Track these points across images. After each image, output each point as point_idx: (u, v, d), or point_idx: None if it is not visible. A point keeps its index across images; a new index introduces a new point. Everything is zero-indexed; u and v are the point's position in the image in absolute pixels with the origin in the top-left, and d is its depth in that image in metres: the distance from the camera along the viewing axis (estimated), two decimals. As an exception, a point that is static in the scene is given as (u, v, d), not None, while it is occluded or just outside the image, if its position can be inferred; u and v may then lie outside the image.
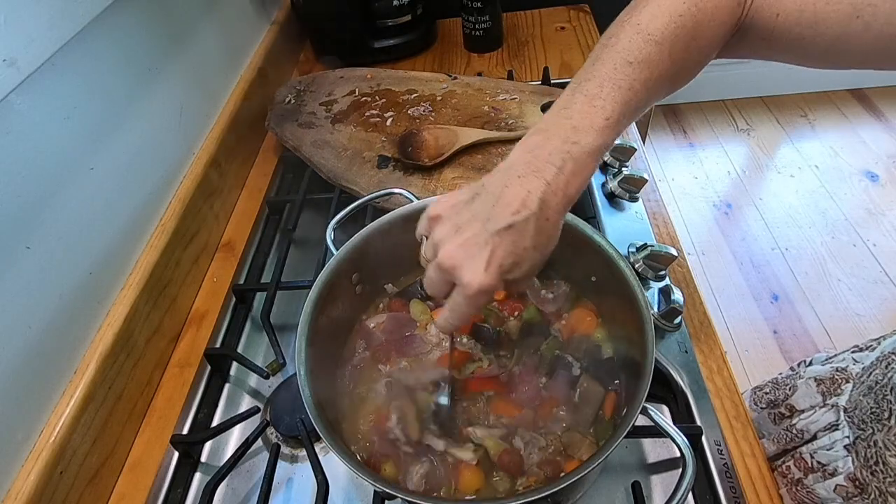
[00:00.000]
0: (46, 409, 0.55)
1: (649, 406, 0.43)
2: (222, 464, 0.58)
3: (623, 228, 0.76)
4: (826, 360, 0.65)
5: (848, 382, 0.58)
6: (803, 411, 0.61)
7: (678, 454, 0.43)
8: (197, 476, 0.61)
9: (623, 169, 0.80)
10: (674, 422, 0.58)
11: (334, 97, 0.95)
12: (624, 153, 0.83)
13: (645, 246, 0.68)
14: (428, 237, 0.46)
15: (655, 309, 0.64)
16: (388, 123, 0.88)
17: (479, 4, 1.12)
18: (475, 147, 0.81)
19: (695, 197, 2.22)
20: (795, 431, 0.60)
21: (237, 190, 0.93)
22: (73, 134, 0.61)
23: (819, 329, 1.76)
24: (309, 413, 0.46)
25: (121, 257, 0.67)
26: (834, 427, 0.56)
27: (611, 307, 0.57)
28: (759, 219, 2.10)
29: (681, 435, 0.43)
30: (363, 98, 0.94)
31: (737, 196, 2.21)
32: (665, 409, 0.60)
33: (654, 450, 0.57)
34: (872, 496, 0.50)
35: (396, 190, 0.66)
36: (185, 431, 0.64)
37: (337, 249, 0.58)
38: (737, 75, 2.53)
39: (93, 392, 0.58)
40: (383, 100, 0.92)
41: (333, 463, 0.55)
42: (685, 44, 0.43)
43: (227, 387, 0.69)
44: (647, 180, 0.79)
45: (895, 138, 2.34)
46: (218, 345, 0.72)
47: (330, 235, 0.62)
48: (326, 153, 0.86)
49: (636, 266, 0.67)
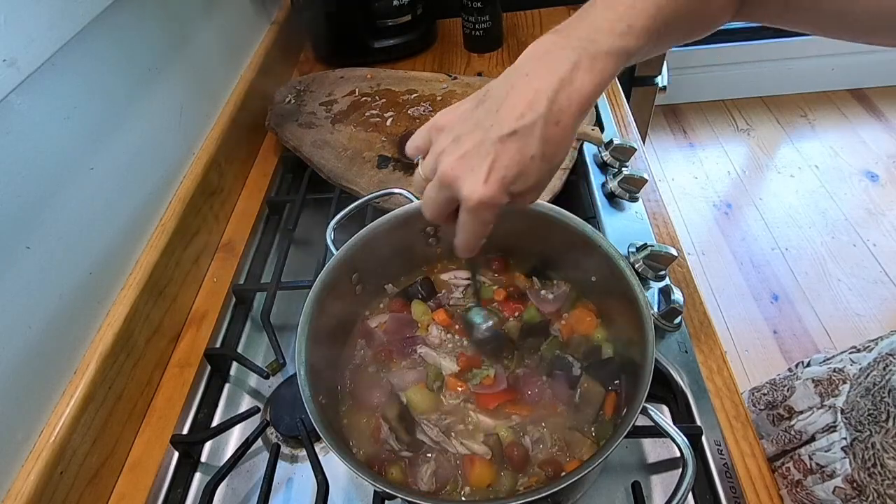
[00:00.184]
0: (46, 409, 0.55)
1: (649, 406, 0.43)
2: (222, 464, 0.58)
3: (623, 228, 0.76)
4: (824, 361, 0.65)
5: (845, 383, 0.58)
6: (802, 412, 0.61)
7: (678, 454, 0.43)
8: (197, 476, 0.61)
9: (623, 169, 0.80)
10: (674, 422, 0.58)
11: (334, 97, 0.95)
12: (624, 153, 0.83)
13: (645, 246, 0.68)
14: (426, 154, 0.43)
15: (655, 309, 0.64)
16: (388, 123, 0.88)
17: (479, 4, 1.12)
18: (475, 147, 0.81)
19: (695, 197, 2.22)
20: (794, 433, 0.60)
21: (237, 190, 0.93)
22: (73, 134, 0.61)
23: (819, 329, 1.76)
24: (309, 413, 0.46)
25: (121, 257, 0.67)
26: (832, 428, 0.56)
27: (611, 307, 0.57)
28: (759, 219, 2.10)
29: (681, 435, 0.43)
30: (363, 98, 0.94)
31: (737, 196, 2.21)
32: (665, 409, 0.60)
33: (654, 450, 0.57)
34: (871, 498, 0.50)
35: (396, 190, 0.66)
36: (185, 431, 0.64)
37: (337, 249, 0.58)
38: (737, 75, 2.53)
39: (93, 392, 0.58)
40: (383, 100, 0.92)
41: (333, 463, 0.55)
42: None
43: (227, 387, 0.69)
44: (647, 180, 0.79)
45: (895, 138, 2.34)
46: (218, 345, 0.72)
47: (330, 235, 0.62)
48: (326, 153, 0.86)
49: (636, 266, 0.67)
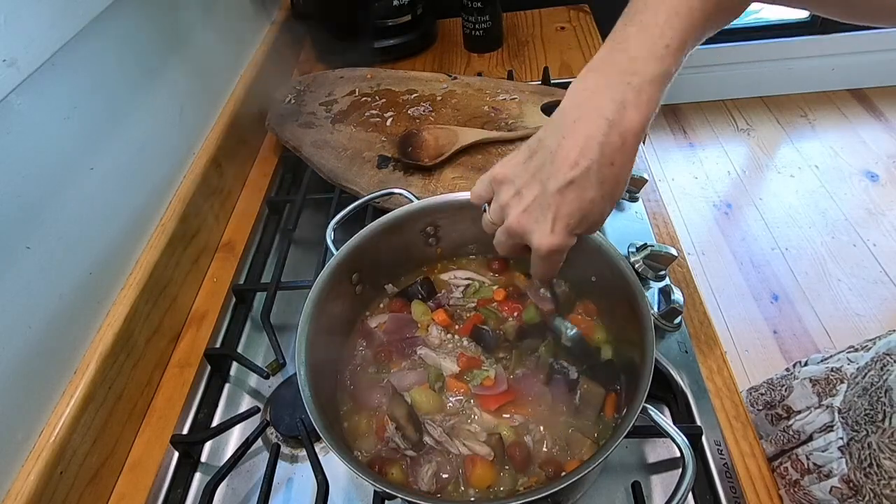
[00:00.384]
0: (46, 409, 0.55)
1: (649, 406, 0.43)
2: (222, 464, 0.57)
3: (623, 228, 0.76)
4: (821, 361, 0.65)
5: (843, 383, 0.58)
6: (800, 412, 0.61)
7: (678, 454, 0.43)
8: (197, 476, 0.61)
9: (623, 169, 0.80)
10: (674, 422, 0.57)
11: (334, 97, 0.95)
12: (624, 153, 0.82)
13: (645, 246, 0.68)
14: (491, 202, 0.46)
15: (655, 309, 0.64)
16: (388, 123, 0.88)
17: (479, 4, 1.12)
18: (475, 147, 0.81)
19: (695, 197, 2.22)
20: (792, 432, 0.60)
21: (237, 190, 0.93)
22: (73, 134, 0.61)
23: (819, 329, 1.76)
24: (309, 413, 0.46)
25: (121, 257, 0.67)
26: (829, 428, 0.56)
27: (611, 307, 0.57)
28: (759, 219, 2.10)
29: (681, 435, 0.43)
30: (363, 98, 0.94)
31: (737, 196, 2.20)
32: (665, 409, 0.60)
33: (654, 450, 0.57)
34: (867, 498, 0.50)
35: (396, 190, 0.66)
36: (185, 431, 0.64)
37: (337, 249, 0.58)
38: (737, 75, 2.53)
39: (93, 392, 0.58)
40: (383, 100, 0.92)
41: (333, 463, 0.55)
42: None
43: (227, 387, 0.69)
44: (647, 180, 0.79)
45: (895, 138, 2.34)
46: (218, 345, 0.72)
47: (330, 235, 0.62)
48: (326, 153, 0.86)
49: (636, 266, 0.67)
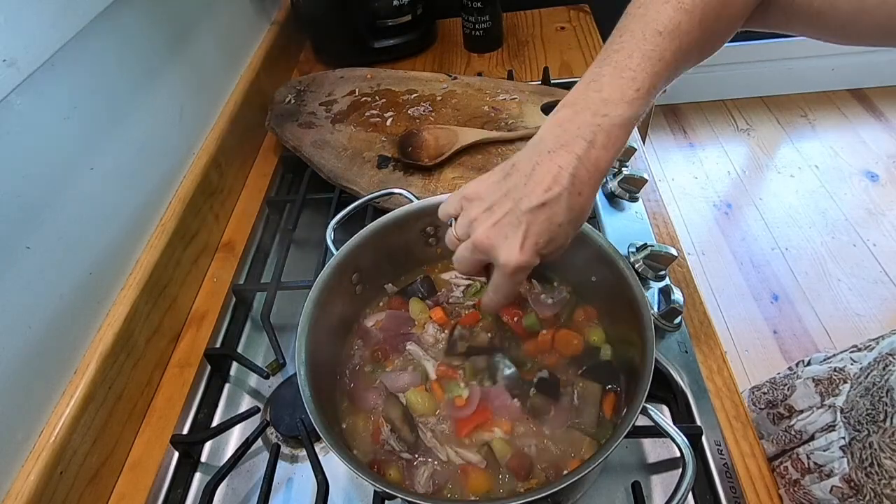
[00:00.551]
0: (46, 409, 0.55)
1: (649, 406, 0.43)
2: (222, 464, 0.57)
3: (623, 228, 0.76)
4: (824, 360, 0.65)
5: (846, 383, 0.58)
6: (802, 412, 0.61)
7: (678, 454, 0.43)
8: (197, 476, 0.61)
9: (623, 169, 0.80)
10: (674, 422, 0.58)
11: (334, 97, 0.95)
12: (624, 153, 0.83)
13: (645, 246, 0.68)
14: (458, 217, 0.47)
15: (655, 309, 0.64)
16: (388, 123, 0.88)
17: (479, 4, 1.12)
18: (475, 147, 0.81)
19: (695, 197, 2.22)
20: (794, 432, 0.60)
21: (237, 190, 0.93)
22: (73, 134, 0.61)
23: (819, 329, 1.76)
24: (309, 413, 0.46)
25: (121, 257, 0.67)
26: (831, 428, 0.56)
27: (611, 307, 0.57)
28: (759, 219, 2.10)
29: (681, 435, 0.43)
30: (363, 98, 0.94)
31: (737, 196, 2.20)
32: (665, 409, 0.60)
33: (654, 450, 0.57)
34: (867, 497, 0.50)
35: (396, 190, 0.66)
36: (185, 431, 0.64)
37: (337, 249, 0.58)
38: (737, 75, 2.52)
39: (93, 392, 0.57)
40: (383, 100, 0.92)
41: (333, 463, 0.55)
42: (716, 12, 0.43)
43: (227, 387, 0.69)
44: (647, 180, 0.79)
45: (895, 138, 2.34)
46: (218, 345, 0.72)
47: (330, 235, 0.62)
48: (326, 153, 0.86)
49: (636, 266, 0.67)
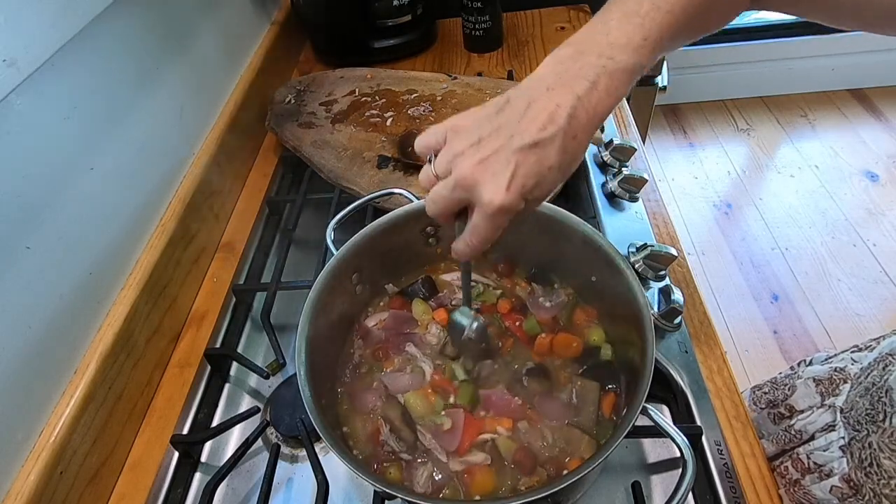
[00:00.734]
0: (46, 409, 0.55)
1: (649, 406, 0.43)
2: (222, 464, 0.58)
3: (623, 228, 0.76)
4: (825, 360, 0.65)
5: (846, 383, 0.58)
6: (802, 411, 0.61)
7: (678, 454, 0.43)
8: (197, 476, 0.61)
9: (623, 169, 0.80)
10: (674, 422, 0.58)
11: (334, 97, 0.95)
12: (624, 153, 0.83)
13: (645, 246, 0.68)
14: (438, 152, 0.43)
15: (655, 309, 0.64)
16: (388, 123, 0.88)
17: (479, 4, 1.12)
18: (475, 147, 0.81)
19: (695, 197, 2.22)
20: (794, 432, 0.60)
21: (237, 190, 0.93)
22: (73, 134, 0.61)
23: (819, 329, 1.76)
24: (309, 413, 0.46)
25: (121, 257, 0.67)
26: (831, 428, 0.56)
27: (611, 307, 0.57)
28: (759, 219, 2.10)
29: (681, 435, 0.43)
30: (363, 98, 0.94)
31: (737, 196, 2.21)
32: (665, 409, 0.60)
33: (654, 450, 0.57)
34: (867, 497, 0.50)
35: (396, 190, 0.66)
36: (185, 431, 0.64)
37: (337, 249, 0.58)
38: (737, 75, 2.53)
39: (93, 392, 0.58)
40: (383, 100, 0.92)
41: (333, 463, 0.55)
42: None
43: (227, 387, 0.69)
44: (647, 180, 0.79)
45: (895, 138, 2.34)
46: (218, 345, 0.72)
47: (330, 235, 0.62)
48: (326, 153, 0.86)
49: (636, 266, 0.67)
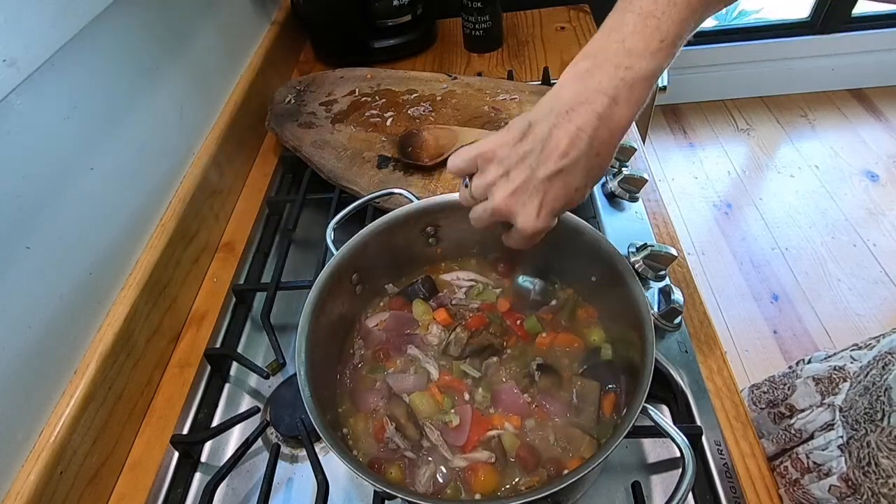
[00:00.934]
0: (46, 409, 0.55)
1: (649, 406, 0.43)
2: (222, 464, 0.57)
3: (623, 228, 0.76)
4: (824, 359, 0.65)
5: (846, 381, 0.58)
6: (802, 411, 0.61)
7: (678, 454, 0.43)
8: (197, 476, 0.61)
9: (623, 169, 0.80)
10: (674, 422, 0.58)
11: (334, 97, 0.95)
12: (624, 153, 0.83)
13: (645, 246, 0.68)
14: (472, 176, 0.46)
15: (655, 309, 0.64)
16: (388, 123, 0.88)
17: (479, 4, 1.12)
18: (475, 147, 0.81)
19: (695, 197, 2.22)
20: (794, 431, 0.60)
21: (237, 190, 0.93)
22: (73, 134, 0.61)
23: (819, 329, 1.76)
24: (309, 413, 0.46)
25: (121, 257, 0.67)
26: (829, 427, 0.56)
27: (611, 307, 0.57)
28: (759, 219, 2.10)
29: (681, 435, 0.43)
30: (363, 98, 0.94)
31: (737, 196, 2.20)
32: (665, 409, 0.60)
33: (654, 450, 0.57)
34: (865, 497, 0.50)
35: (396, 190, 0.66)
36: (185, 431, 0.64)
37: (337, 249, 0.58)
38: (737, 75, 2.53)
39: (93, 392, 0.58)
40: (383, 100, 0.92)
41: (333, 463, 0.55)
42: None
43: (227, 387, 0.69)
44: (647, 180, 0.79)
45: (895, 138, 2.34)
46: (218, 345, 0.72)
47: (330, 235, 0.62)
48: (326, 153, 0.86)
49: (636, 266, 0.67)
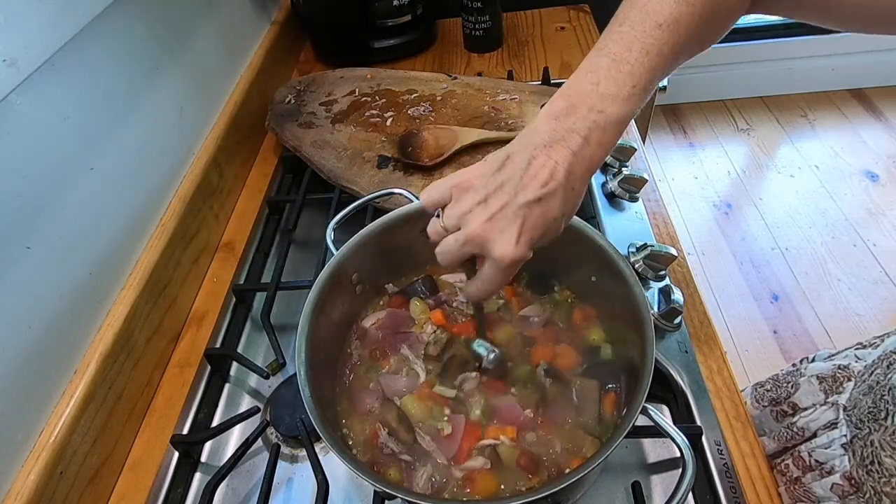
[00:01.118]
0: (46, 409, 0.55)
1: (649, 406, 0.43)
2: (222, 464, 0.57)
3: (623, 228, 0.76)
4: (828, 357, 0.65)
5: (850, 380, 0.58)
6: (805, 409, 0.61)
7: (678, 454, 0.43)
8: (197, 476, 0.61)
9: (623, 169, 0.80)
10: (674, 422, 0.58)
11: (334, 97, 0.95)
12: (624, 153, 0.83)
13: (645, 246, 0.68)
14: (445, 207, 0.46)
15: (655, 309, 0.64)
16: (388, 123, 0.88)
17: (479, 4, 1.12)
18: (475, 147, 0.81)
19: (695, 197, 2.22)
20: (796, 429, 0.60)
21: (237, 190, 0.93)
22: (73, 134, 0.61)
23: (819, 329, 1.76)
24: (309, 413, 0.46)
25: (121, 257, 0.67)
26: (833, 425, 0.56)
27: (611, 307, 0.57)
28: (759, 219, 2.10)
29: (681, 435, 0.43)
30: (363, 98, 0.94)
31: (737, 196, 2.21)
32: (665, 409, 0.60)
33: (654, 450, 0.57)
34: (868, 495, 0.50)
35: (396, 190, 0.66)
36: (185, 431, 0.64)
37: (337, 249, 0.58)
38: (737, 75, 2.53)
39: (93, 392, 0.57)
40: (383, 100, 0.92)
41: (333, 463, 0.55)
42: (717, 3, 0.42)
43: (227, 387, 0.69)
44: (647, 180, 0.79)
45: (895, 138, 2.34)
46: (218, 345, 0.72)
47: (330, 235, 0.62)
48: (326, 153, 0.86)
49: (636, 266, 0.67)
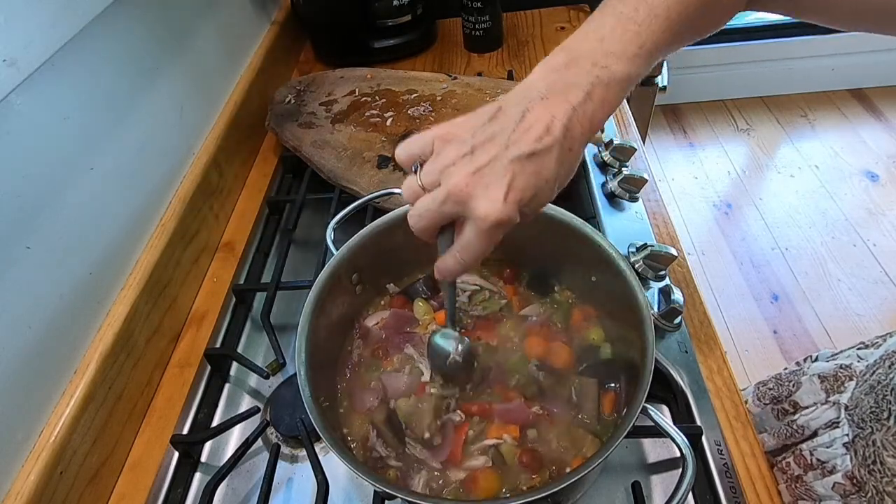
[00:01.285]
0: (46, 409, 0.55)
1: (649, 406, 0.43)
2: (222, 464, 0.58)
3: (623, 228, 0.76)
4: (831, 357, 0.65)
5: (851, 380, 0.58)
6: (806, 407, 0.61)
7: (678, 454, 0.43)
8: (197, 476, 0.61)
9: (623, 169, 0.80)
10: (674, 422, 0.58)
11: (334, 97, 0.95)
12: (624, 153, 0.83)
13: (645, 246, 0.68)
14: (424, 162, 0.40)
15: (655, 309, 0.64)
16: (388, 123, 0.88)
17: (479, 4, 1.12)
18: (475, 147, 0.81)
19: (695, 197, 2.22)
20: (796, 427, 0.60)
21: (237, 190, 0.93)
22: (73, 134, 0.61)
23: (819, 329, 1.76)
24: (309, 413, 0.46)
25: (121, 257, 0.67)
26: (834, 424, 0.56)
27: (611, 307, 0.57)
28: (759, 219, 2.10)
29: (681, 435, 0.43)
30: (363, 98, 0.94)
31: (737, 196, 2.21)
32: (665, 409, 0.60)
33: (654, 450, 0.57)
34: (870, 495, 0.50)
35: (396, 190, 0.66)
36: (185, 431, 0.64)
37: (337, 249, 0.58)
38: (737, 75, 2.53)
39: (93, 392, 0.58)
40: (383, 100, 0.92)
41: (333, 463, 0.55)
42: None
43: (227, 387, 0.69)
44: (647, 180, 0.79)
45: (895, 138, 2.34)
46: (218, 345, 0.72)
47: (330, 235, 0.62)
48: (326, 153, 0.86)
49: (636, 266, 0.67)
